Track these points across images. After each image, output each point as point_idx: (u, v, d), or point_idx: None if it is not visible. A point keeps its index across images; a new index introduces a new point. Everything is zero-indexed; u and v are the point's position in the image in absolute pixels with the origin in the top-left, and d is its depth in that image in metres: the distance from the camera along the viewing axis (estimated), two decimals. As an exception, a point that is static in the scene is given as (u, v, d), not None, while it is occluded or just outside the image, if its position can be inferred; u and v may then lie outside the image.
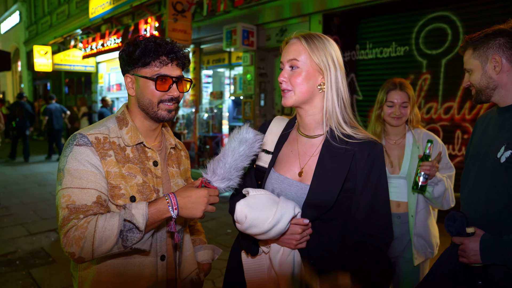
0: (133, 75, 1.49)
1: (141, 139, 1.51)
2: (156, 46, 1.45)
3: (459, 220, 1.66)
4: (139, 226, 1.27)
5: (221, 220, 5.94)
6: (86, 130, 1.46)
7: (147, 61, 1.44)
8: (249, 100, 8.08)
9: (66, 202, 1.33)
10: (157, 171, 1.53)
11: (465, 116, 5.11)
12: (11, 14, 24.57)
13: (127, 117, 1.54)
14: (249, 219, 1.31)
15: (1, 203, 6.72)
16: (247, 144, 1.35)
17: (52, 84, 19.97)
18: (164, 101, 1.48)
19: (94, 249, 1.27)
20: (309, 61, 1.43)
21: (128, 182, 1.44)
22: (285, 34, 7.29)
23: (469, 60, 1.70)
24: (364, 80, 6.25)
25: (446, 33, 5.23)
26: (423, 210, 2.39)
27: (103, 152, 1.42)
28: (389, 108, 2.43)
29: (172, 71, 1.48)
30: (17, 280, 3.92)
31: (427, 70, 5.48)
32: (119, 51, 1.53)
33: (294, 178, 1.50)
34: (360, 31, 6.30)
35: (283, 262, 1.42)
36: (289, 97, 1.45)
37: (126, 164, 1.46)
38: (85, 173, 1.37)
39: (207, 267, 1.84)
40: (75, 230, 1.28)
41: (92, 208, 1.34)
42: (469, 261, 1.58)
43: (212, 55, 9.86)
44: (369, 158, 1.43)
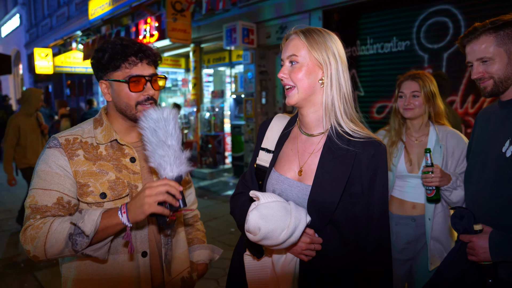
0: (106, 81, 1.49)
1: (114, 136, 1.51)
2: (123, 47, 1.44)
3: (466, 217, 1.61)
4: (85, 231, 1.27)
5: (225, 219, 5.93)
6: (60, 133, 1.50)
7: (117, 64, 1.45)
8: (251, 98, 8.06)
9: (31, 202, 1.39)
10: (135, 167, 1.52)
11: (468, 110, 5.07)
12: (11, 18, 24.61)
13: (103, 118, 1.56)
14: (263, 232, 1.25)
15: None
16: (147, 121, 1.33)
17: (54, 87, 20.00)
18: (141, 102, 1.48)
19: (46, 250, 1.31)
20: (308, 56, 1.39)
21: (98, 179, 1.44)
22: (285, 31, 7.26)
23: (489, 48, 1.57)
24: (365, 76, 6.22)
25: (448, 26, 5.18)
26: (442, 213, 2.26)
27: (71, 152, 1.44)
28: (400, 100, 2.35)
29: (143, 70, 1.48)
30: (22, 282, 3.92)
31: (429, 64, 5.44)
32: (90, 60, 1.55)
33: (294, 177, 1.46)
34: (361, 27, 6.26)
35: (285, 266, 1.40)
36: (292, 95, 1.41)
37: (97, 161, 1.47)
38: (50, 175, 1.40)
39: (201, 267, 1.81)
40: (31, 229, 1.33)
41: (50, 209, 1.38)
42: (478, 259, 1.54)
43: (213, 54, 9.84)
44: (373, 161, 1.37)
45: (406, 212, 2.33)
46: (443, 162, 2.23)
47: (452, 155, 2.23)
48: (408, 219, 2.32)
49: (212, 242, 4.63)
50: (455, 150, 2.23)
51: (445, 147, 2.25)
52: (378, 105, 6.11)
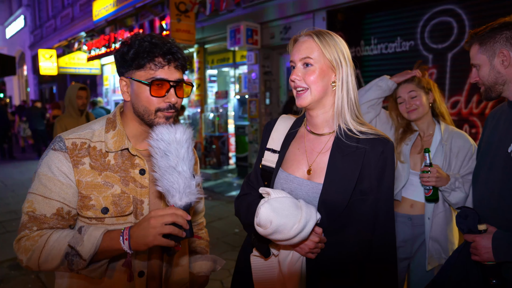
0: (127, 78, 1.36)
1: (126, 145, 1.37)
2: (151, 46, 1.31)
3: (470, 217, 1.61)
4: (82, 255, 1.20)
5: (229, 219, 5.93)
6: (67, 133, 1.38)
7: (141, 63, 1.31)
8: (255, 99, 8.05)
9: (28, 208, 1.30)
10: (144, 181, 1.39)
11: (473, 110, 5.04)
12: (16, 19, 24.76)
13: (117, 120, 1.41)
14: (275, 225, 1.25)
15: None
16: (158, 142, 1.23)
17: (58, 88, 20.10)
18: (162, 109, 1.34)
19: (39, 264, 1.26)
20: (322, 58, 1.40)
21: (102, 192, 1.32)
22: (289, 31, 7.25)
23: (476, 55, 1.65)
24: (369, 76, 6.20)
25: (452, 26, 5.16)
26: (442, 213, 2.25)
27: (77, 159, 1.32)
28: (401, 105, 2.33)
29: (170, 74, 1.33)
30: (27, 283, 3.94)
31: (433, 64, 5.41)
32: None
33: (303, 176, 1.47)
34: (365, 27, 6.24)
35: (292, 267, 1.40)
36: (305, 97, 1.42)
37: (103, 172, 1.34)
38: (52, 182, 1.30)
39: (202, 280, 1.69)
40: (26, 240, 1.28)
41: (49, 220, 1.30)
42: (482, 259, 1.54)
43: (217, 55, 9.85)
44: (382, 156, 1.40)
45: (404, 210, 2.33)
46: (445, 163, 2.22)
47: (456, 156, 2.22)
48: (404, 217, 2.32)
49: (216, 243, 4.62)
50: (460, 151, 2.22)
51: (449, 148, 2.23)
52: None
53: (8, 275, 4.12)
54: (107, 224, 1.34)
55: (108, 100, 14.71)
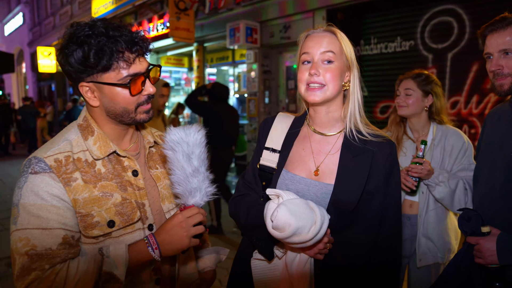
0: (90, 83, 1.20)
1: (112, 148, 1.27)
2: (112, 41, 1.14)
3: (473, 219, 1.60)
4: (119, 278, 1.11)
5: (227, 218, 5.92)
6: (42, 151, 1.20)
7: (108, 64, 1.15)
8: (254, 98, 8.04)
9: (25, 247, 1.09)
10: (139, 182, 1.30)
11: (472, 111, 5.03)
12: (15, 16, 24.66)
13: (92, 124, 1.28)
14: (293, 228, 1.22)
15: None
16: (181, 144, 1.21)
17: (57, 85, 20.03)
18: (142, 103, 1.26)
19: None
20: (342, 56, 1.39)
21: (103, 205, 1.20)
22: (289, 30, 7.23)
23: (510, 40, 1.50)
24: (369, 76, 6.19)
25: (452, 26, 5.15)
26: (433, 211, 2.25)
27: (66, 177, 1.16)
28: (396, 98, 2.39)
29: (141, 66, 1.22)
30: (25, 281, 3.92)
31: (433, 64, 5.40)
32: (56, 52, 1.24)
33: (310, 177, 1.44)
34: (365, 26, 6.23)
35: (301, 269, 1.37)
36: (320, 94, 1.38)
37: (98, 183, 1.21)
38: (45, 209, 1.12)
39: (209, 276, 1.62)
40: (38, 283, 1.07)
41: (59, 253, 1.11)
42: (486, 262, 1.52)
43: (216, 53, 9.82)
44: (390, 158, 1.41)
45: (403, 210, 2.34)
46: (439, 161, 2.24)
47: (450, 154, 2.23)
48: (404, 217, 2.33)
49: (215, 242, 4.62)
50: (453, 149, 2.23)
51: (443, 147, 2.25)
52: (381, 105, 6.08)
53: (6, 273, 4.11)
54: (114, 237, 1.23)
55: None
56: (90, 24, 1.17)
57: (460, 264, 1.68)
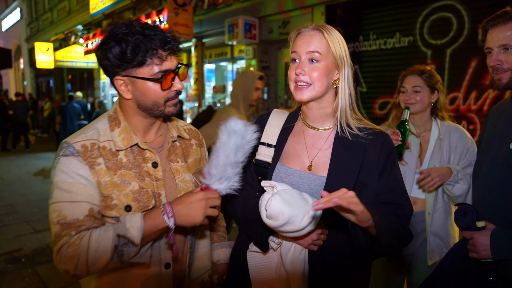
0: (125, 77, 1.31)
1: (135, 140, 1.37)
2: (146, 39, 1.25)
3: (469, 213, 1.61)
4: (134, 241, 1.19)
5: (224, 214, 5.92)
6: (73, 138, 1.33)
7: (143, 60, 1.26)
8: (252, 94, 8.03)
9: (57, 217, 1.24)
10: (157, 173, 1.40)
11: (471, 107, 5.04)
12: (12, 11, 24.54)
13: (120, 117, 1.39)
14: (287, 216, 1.24)
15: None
16: (237, 136, 1.28)
17: (55, 81, 19.98)
18: (171, 98, 1.36)
19: (88, 266, 1.20)
20: (329, 55, 1.39)
21: (122, 190, 1.32)
22: (288, 26, 7.22)
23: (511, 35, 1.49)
24: (368, 71, 6.19)
25: (451, 22, 5.14)
26: (442, 208, 2.24)
27: (91, 160, 1.29)
28: (402, 94, 2.32)
29: (172, 63, 1.33)
30: (23, 277, 3.93)
31: (432, 60, 5.41)
32: (96, 49, 1.33)
33: (304, 170, 1.46)
34: (364, 22, 6.22)
35: (295, 260, 1.39)
36: (307, 91, 1.40)
37: (118, 171, 1.32)
38: (75, 186, 1.26)
39: (222, 268, 1.70)
40: (67, 247, 1.20)
41: (84, 222, 1.25)
42: (479, 256, 1.53)
43: (215, 49, 9.81)
44: (383, 148, 1.41)
45: None
46: (445, 157, 2.22)
47: (455, 150, 2.22)
48: None
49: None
50: (458, 145, 2.22)
51: (448, 143, 2.23)
52: (380, 101, 6.08)
53: (4, 269, 4.11)
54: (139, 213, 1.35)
55: (105, 94, 14.65)
56: (127, 24, 1.28)
57: (455, 258, 1.70)
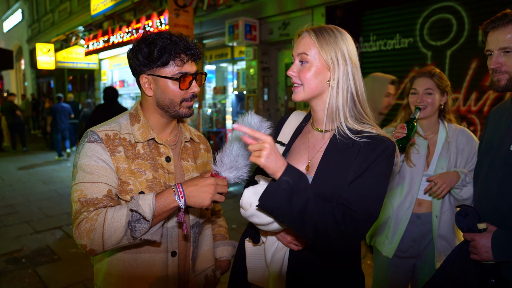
0: (149, 76, 1.47)
1: (152, 135, 1.51)
2: (172, 44, 1.43)
3: (470, 215, 1.60)
4: (145, 216, 1.28)
5: (226, 215, 5.90)
6: (97, 127, 1.49)
7: (166, 61, 1.43)
8: (253, 95, 8.03)
9: (78, 196, 1.37)
10: (170, 167, 1.53)
11: (471, 108, 5.04)
12: (13, 13, 24.58)
13: (140, 114, 1.55)
14: (253, 208, 1.29)
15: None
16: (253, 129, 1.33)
17: (56, 82, 20.00)
18: (186, 99, 1.50)
19: (104, 241, 1.30)
20: (318, 56, 1.38)
21: (138, 178, 1.45)
22: (288, 27, 7.22)
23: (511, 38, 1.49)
24: (368, 73, 6.15)
25: (451, 23, 5.14)
26: (449, 210, 2.22)
27: (113, 148, 1.44)
28: (412, 96, 2.27)
29: (191, 68, 1.48)
30: (23, 278, 3.93)
31: (432, 61, 5.40)
32: (128, 51, 1.51)
33: (303, 170, 1.45)
34: (364, 23, 6.22)
35: (275, 255, 1.42)
36: (298, 92, 1.43)
37: (135, 160, 1.47)
38: (96, 168, 1.39)
39: (224, 264, 1.82)
40: (85, 222, 1.32)
41: (102, 201, 1.37)
42: (481, 258, 1.52)
43: (215, 50, 9.81)
44: (377, 151, 1.32)
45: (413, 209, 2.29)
46: (452, 160, 2.21)
47: (462, 153, 2.21)
48: (414, 216, 2.29)
49: (213, 239, 4.63)
50: (465, 148, 2.21)
51: (455, 145, 2.22)
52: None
53: (5, 269, 4.12)
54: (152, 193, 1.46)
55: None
56: (158, 32, 1.48)
57: (456, 260, 1.68)
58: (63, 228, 5.42)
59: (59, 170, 9.75)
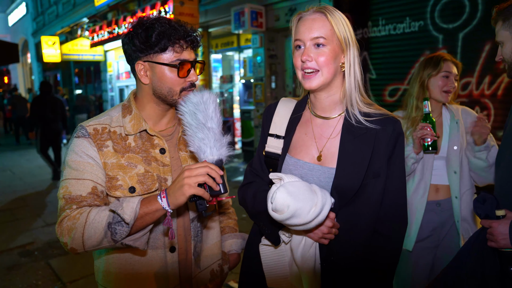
0: (146, 62, 1.39)
1: (144, 126, 1.43)
2: (171, 29, 1.35)
3: (488, 201, 1.55)
4: (125, 218, 1.22)
5: (236, 205, 5.91)
6: (87, 121, 1.44)
7: (165, 46, 1.35)
8: (260, 83, 7.96)
9: (63, 193, 1.34)
10: (165, 159, 1.45)
11: (484, 92, 4.92)
12: (18, 6, 24.57)
13: (132, 105, 1.47)
14: (292, 209, 1.21)
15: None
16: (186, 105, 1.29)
17: (62, 75, 20.04)
18: (186, 88, 1.42)
19: (84, 241, 1.25)
20: (334, 38, 1.33)
21: (127, 172, 1.38)
22: (294, 13, 7.12)
23: (499, 31, 1.59)
24: (377, 58, 6.07)
25: (464, 4, 5.00)
26: (469, 190, 2.17)
27: (100, 143, 1.38)
28: (443, 80, 2.20)
29: (190, 55, 1.41)
30: (37, 270, 3.97)
31: (443, 45, 5.28)
32: (123, 36, 1.42)
33: (313, 161, 1.42)
34: (372, 7, 6.09)
35: (305, 254, 1.35)
36: (315, 78, 1.35)
37: (126, 153, 1.40)
38: (82, 164, 1.35)
39: (233, 258, 1.75)
40: (67, 220, 1.28)
41: (86, 199, 1.33)
42: (498, 246, 1.49)
43: (221, 39, 9.72)
44: (394, 135, 1.35)
45: (430, 197, 2.24)
46: (462, 139, 2.18)
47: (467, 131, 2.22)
48: (432, 204, 2.23)
49: (224, 229, 4.62)
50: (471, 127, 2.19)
51: (461, 123, 2.21)
52: (390, 88, 5.97)
53: (18, 262, 4.16)
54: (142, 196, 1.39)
55: (112, 86, 14.65)
56: (156, 17, 1.40)
57: (473, 248, 1.65)
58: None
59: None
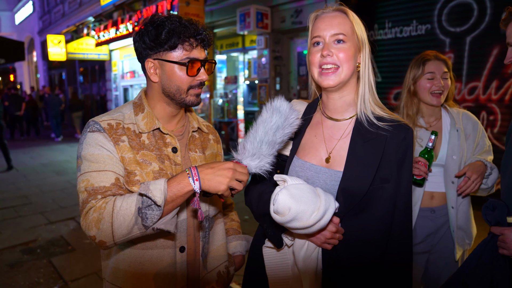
0: (156, 60, 1.38)
1: (157, 124, 1.42)
2: (182, 27, 1.34)
3: (498, 208, 1.53)
4: (156, 201, 1.17)
5: (239, 206, 5.88)
6: (99, 117, 1.41)
7: (174, 44, 1.34)
8: (264, 84, 7.94)
9: (85, 186, 1.29)
10: (176, 158, 1.45)
11: (491, 97, 4.88)
12: (25, 5, 24.71)
13: (144, 103, 1.46)
14: (293, 212, 1.19)
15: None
16: (280, 115, 1.24)
17: (67, 74, 20.12)
18: (194, 86, 1.41)
19: (114, 230, 1.20)
20: (354, 37, 1.34)
21: (144, 168, 1.37)
22: (300, 15, 7.09)
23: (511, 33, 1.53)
24: (383, 61, 6.05)
25: (472, 8, 4.97)
26: (466, 200, 2.14)
27: (116, 137, 1.36)
28: (429, 81, 2.08)
29: (200, 54, 1.39)
30: (39, 268, 3.96)
31: (450, 49, 5.25)
32: (134, 34, 1.41)
33: (321, 164, 1.39)
34: (379, 10, 6.07)
35: (307, 258, 1.33)
36: (335, 75, 1.33)
37: (140, 150, 1.39)
38: (101, 157, 1.32)
39: (238, 259, 1.75)
40: (93, 211, 1.23)
41: (110, 188, 1.29)
42: (510, 253, 1.46)
43: (226, 39, 9.72)
44: (405, 142, 1.33)
45: (424, 204, 2.19)
46: (462, 147, 2.12)
47: (468, 138, 2.14)
48: (426, 211, 2.19)
49: (227, 230, 4.61)
50: (471, 134, 2.14)
51: (462, 131, 2.12)
52: (395, 91, 5.95)
53: (21, 260, 4.15)
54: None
55: (116, 85, 14.69)
56: (166, 15, 1.39)
57: (482, 255, 1.62)
58: (76, 219, 5.45)
59: (72, 161, 9.82)
